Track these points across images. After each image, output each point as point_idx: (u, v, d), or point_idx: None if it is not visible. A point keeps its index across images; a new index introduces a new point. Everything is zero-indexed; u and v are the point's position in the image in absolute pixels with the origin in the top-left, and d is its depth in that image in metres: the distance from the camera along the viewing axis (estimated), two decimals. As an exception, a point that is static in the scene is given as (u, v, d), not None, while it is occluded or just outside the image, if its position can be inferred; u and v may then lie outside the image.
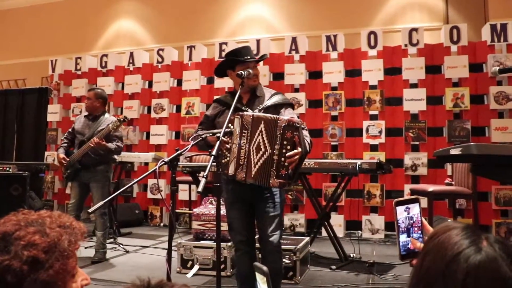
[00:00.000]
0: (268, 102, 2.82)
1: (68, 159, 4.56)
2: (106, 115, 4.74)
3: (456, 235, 0.86)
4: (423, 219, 1.21)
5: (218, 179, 2.70)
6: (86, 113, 4.79)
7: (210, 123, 2.94)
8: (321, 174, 6.14)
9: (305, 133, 2.71)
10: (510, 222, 5.66)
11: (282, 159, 2.48)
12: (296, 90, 6.82)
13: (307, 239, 4.35)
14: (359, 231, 6.05)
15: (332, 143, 6.50)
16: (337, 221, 6.05)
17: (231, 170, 2.60)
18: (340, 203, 6.04)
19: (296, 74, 6.78)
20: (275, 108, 2.81)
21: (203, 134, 2.73)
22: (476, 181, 4.44)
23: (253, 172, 2.56)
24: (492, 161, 2.26)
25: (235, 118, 2.62)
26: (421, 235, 1.21)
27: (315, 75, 6.80)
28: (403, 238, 1.19)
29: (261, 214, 2.75)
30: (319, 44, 6.84)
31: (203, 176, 2.20)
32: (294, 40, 6.91)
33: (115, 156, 4.98)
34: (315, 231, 4.97)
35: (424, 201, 5.31)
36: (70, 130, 4.82)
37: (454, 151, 2.24)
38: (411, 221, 1.20)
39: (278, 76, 6.94)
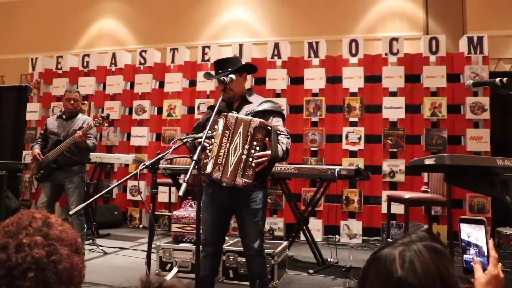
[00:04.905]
0: (257, 108, 2.86)
1: (42, 157, 4.51)
2: (80, 115, 4.71)
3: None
4: (490, 243, 1.21)
5: (199, 183, 2.71)
6: (59, 114, 4.74)
7: (200, 129, 2.96)
8: (300, 179, 6.20)
9: (284, 140, 2.75)
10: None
11: (250, 159, 2.51)
12: (278, 95, 6.88)
13: (285, 243, 4.40)
14: (337, 236, 6.12)
15: (312, 149, 6.58)
16: (316, 225, 6.12)
17: (208, 168, 2.62)
18: (318, 208, 6.11)
19: (278, 79, 6.84)
20: (264, 115, 2.82)
21: (184, 139, 2.76)
22: (451, 189, 4.55)
23: (228, 172, 2.59)
24: (465, 171, 2.34)
25: (220, 118, 2.68)
26: (486, 260, 1.19)
27: (297, 80, 6.87)
28: (465, 256, 1.26)
29: (241, 220, 2.79)
30: (301, 50, 6.92)
31: (184, 181, 2.22)
32: (276, 45, 6.98)
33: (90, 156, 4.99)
34: (293, 235, 5.02)
35: (400, 208, 5.43)
36: (42, 132, 4.77)
37: (428, 161, 2.32)
38: (475, 243, 1.24)
39: (260, 81, 6.98)
